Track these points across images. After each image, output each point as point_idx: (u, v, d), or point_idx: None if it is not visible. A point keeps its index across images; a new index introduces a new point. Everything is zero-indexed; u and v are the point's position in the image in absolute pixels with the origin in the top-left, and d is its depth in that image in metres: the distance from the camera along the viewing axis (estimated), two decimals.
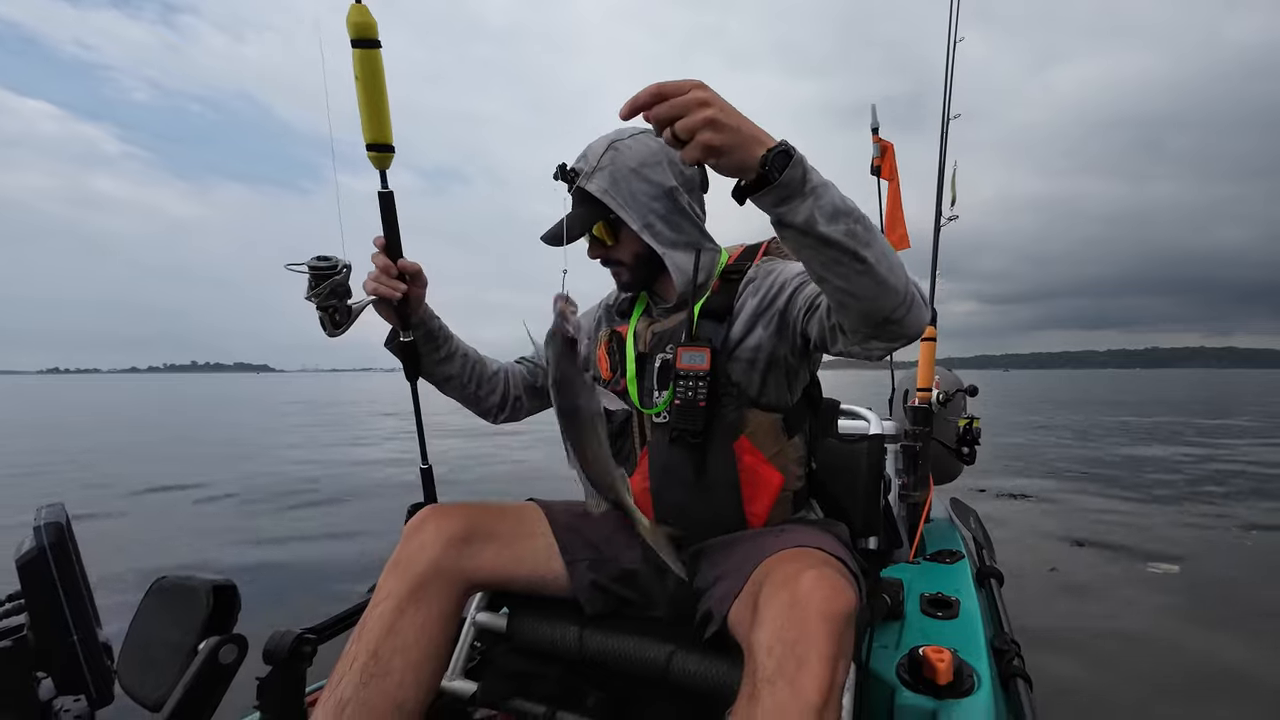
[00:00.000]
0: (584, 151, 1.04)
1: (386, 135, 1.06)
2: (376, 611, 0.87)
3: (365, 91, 1.03)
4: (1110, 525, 4.06)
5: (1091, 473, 6.28)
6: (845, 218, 0.72)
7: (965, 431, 2.19)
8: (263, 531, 4.07)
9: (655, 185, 1.03)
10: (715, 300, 1.04)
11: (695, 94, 0.67)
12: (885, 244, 0.76)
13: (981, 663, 0.98)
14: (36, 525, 0.77)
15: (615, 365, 1.11)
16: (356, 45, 1.02)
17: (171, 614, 0.84)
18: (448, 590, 0.91)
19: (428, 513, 0.97)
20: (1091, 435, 9.99)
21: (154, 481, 5.90)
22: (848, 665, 0.72)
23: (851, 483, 1.18)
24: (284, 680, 0.89)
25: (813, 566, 0.76)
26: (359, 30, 1.01)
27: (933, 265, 2.33)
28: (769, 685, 0.67)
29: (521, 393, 1.26)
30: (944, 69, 2.29)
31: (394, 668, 0.84)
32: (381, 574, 0.93)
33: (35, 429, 12.54)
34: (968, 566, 1.48)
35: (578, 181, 1.01)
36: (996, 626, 1.27)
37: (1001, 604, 1.38)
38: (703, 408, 0.96)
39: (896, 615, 1.13)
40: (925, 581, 1.33)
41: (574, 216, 1.01)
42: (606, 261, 1.10)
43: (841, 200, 0.72)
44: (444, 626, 0.90)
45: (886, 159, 2.51)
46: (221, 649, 0.80)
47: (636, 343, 1.09)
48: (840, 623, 0.70)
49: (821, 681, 0.66)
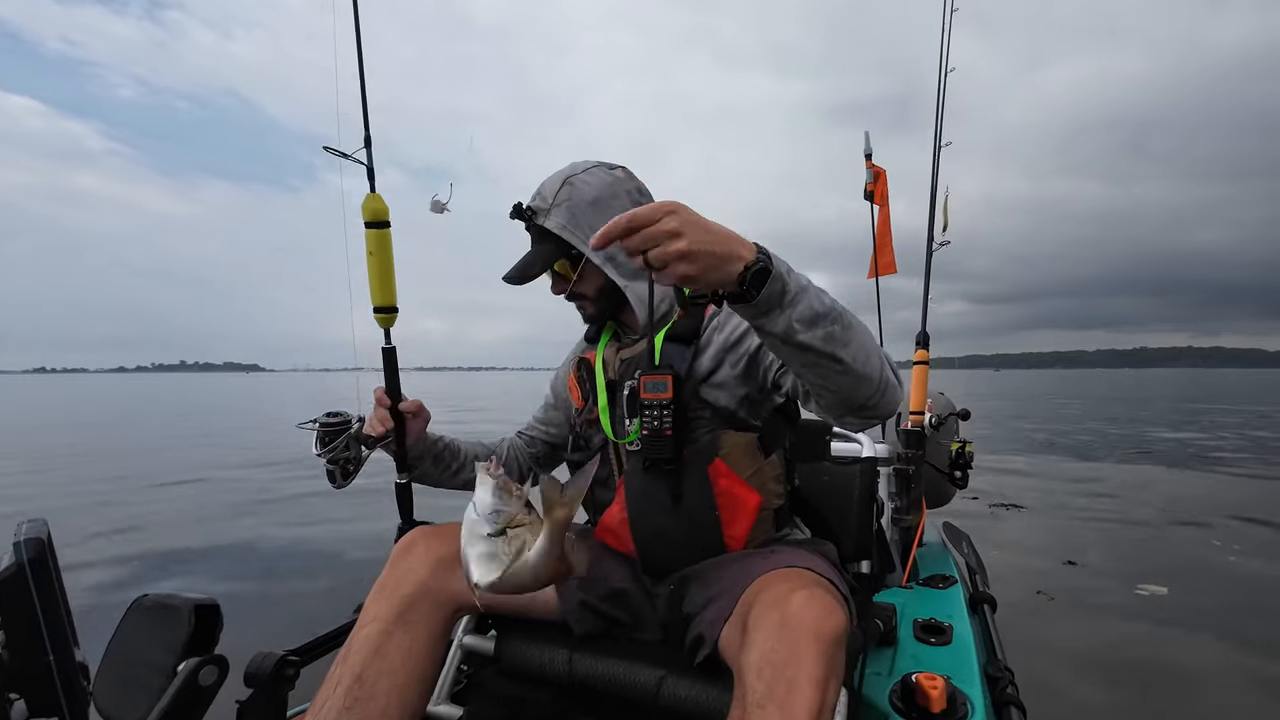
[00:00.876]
0: (539, 189, 1.05)
1: (392, 299, 1.23)
2: (363, 634, 0.86)
3: (377, 264, 1.22)
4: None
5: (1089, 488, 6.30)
6: (824, 321, 0.72)
7: (958, 455, 2.19)
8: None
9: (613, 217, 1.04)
10: (680, 325, 1.04)
11: (666, 223, 0.65)
12: (863, 337, 0.77)
13: (975, 690, 0.97)
14: (17, 540, 0.76)
15: (586, 394, 1.11)
16: (370, 226, 1.21)
17: (151, 633, 0.82)
18: (436, 613, 0.90)
19: (416, 534, 0.96)
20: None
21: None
22: (838, 687, 0.71)
23: (844, 505, 1.17)
24: (266, 703, 0.87)
25: (803, 587, 0.75)
26: (374, 215, 1.20)
27: (924, 291, 2.35)
28: (759, 709, 0.66)
29: (529, 464, 1.30)
30: (931, 77, 2.34)
31: (379, 692, 0.82)
32: (368, 596, 0.91)
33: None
34: (961, 592, 1.47)
35: (535, 219, 1.02)
36: (990, 653, 1.26)
37: (995, 630, 1.37)
38: (670, 436, 0.96)
39: (889, 641, 1.12)
40: (918, 606, 1.32)
41: (534, 254, 1.04)
42: (571, 296, 1.10)
43: (820, 303, 0.73)
44: (431, 649, 0.89)
45: (879, 185, 2.55)
46: (202, 670, 0.78)
47: (605, 370, 1.09)
48: (831, 644, 0.70)
49: (811, 704, 0.65)
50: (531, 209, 1.03)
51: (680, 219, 0.65)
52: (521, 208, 1.03)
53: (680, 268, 0.65)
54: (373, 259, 1.21)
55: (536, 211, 1.02)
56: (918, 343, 2.25)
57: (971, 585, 1.64)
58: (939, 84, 2.34)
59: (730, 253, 0.67)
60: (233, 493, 5.74)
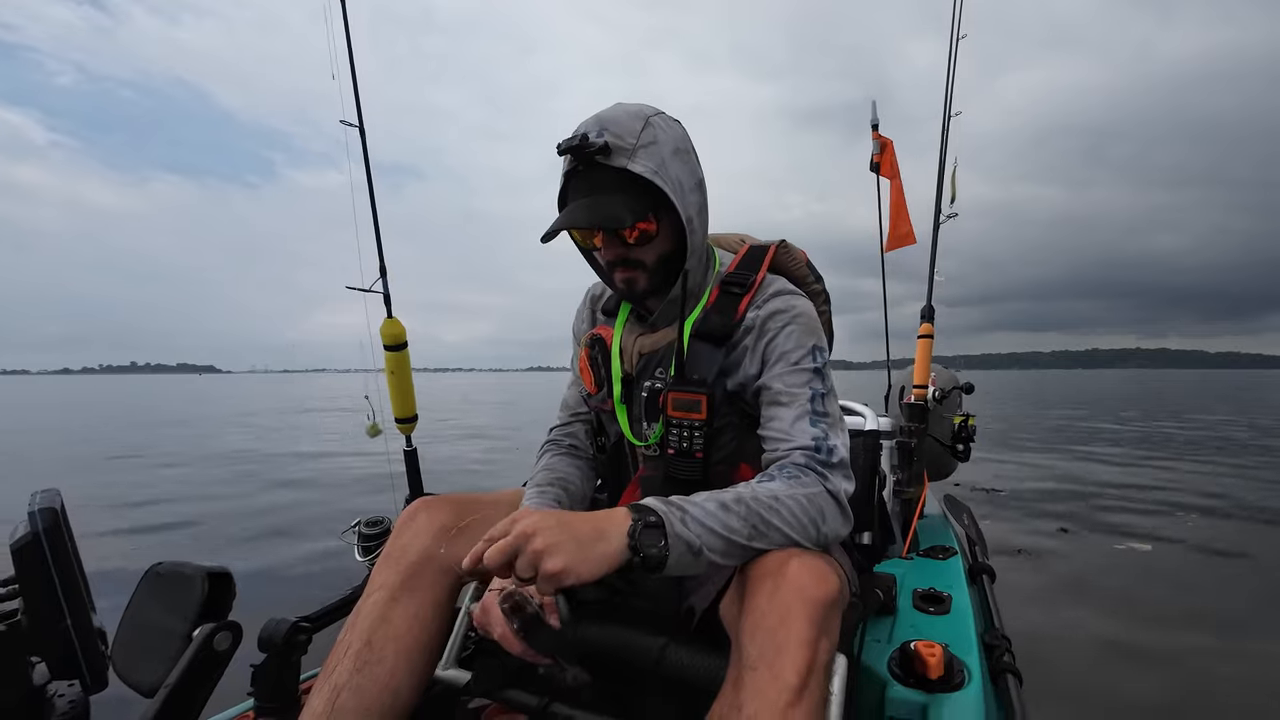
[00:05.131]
0: (597, 123, 0.85)
1: (411, 410, 1.43)
2: (370, 601, 0.88)
3: (396, 382, 1.39)
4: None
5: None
6: (736, 542, 0.75)
7: (960, 429, 2.19)
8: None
9: (692, 174, 0.91)
10: (712, 320, 0.94)
11: (518, 529, 0.67)
12: (787, 515, 0.78)
13: (972, 657, 0.98)
14: (31, 510, 0.77)
15: (600, 381, 1.03)
16: (389, 350, 1.37)
17: (166, 600, 0.84)
18: (440, 580, 0.91)
19: (419, 504, 0.98)
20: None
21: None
22: (830, 649, 0.72)
23: None
24: (279, 667, 0.89)
25: (798, 555, 0.76)
26: (393, 339, 1.36)
27: (931, 262, 2.33)
28: (751, 671, 0.68)
29: (591, 477, 1.11)
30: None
31: (387, 655, 0.84)
32: (374, 566, 0.93)
33: None
34: (960, 562, 1.48)
35: (612, 159, 0.83)
36: (988, 622, 1.28)
37: (993, 600, 1.39)
38: (700, 459, 0.91)
39: (889, 610, 1.13)
40: (918, 577, 1.33)
41: (613, 202, 0.85)
42: (623, 263, 0.92)
43: (726, 526, 0.75)
44: (436, 615, 0.91)
45: (886, 155, 2.50)
46: (216, 635, 0.80)
47: (622, 360, 1.01)
48: (821, 607, 0.70)
49: (800, 664, 0.66)
50: (595, 145, 0.82)
51: (528, 521, 0.68)
52: (586, 140, 0.82)
53: (549, 564, 0.66)
54: (393, 378, 1.36)
55: (614, 150, 0.83)
56: (923, 316, 2.24)
57: (971, 556, 1.66)
58: (950, 49, 2.28)
59: (597, 529, 0.70)
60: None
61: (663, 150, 0.86)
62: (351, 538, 1.11)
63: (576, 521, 0.71)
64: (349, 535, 1.12)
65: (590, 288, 1.16)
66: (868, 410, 1.71)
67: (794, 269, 1.07)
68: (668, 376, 0.95)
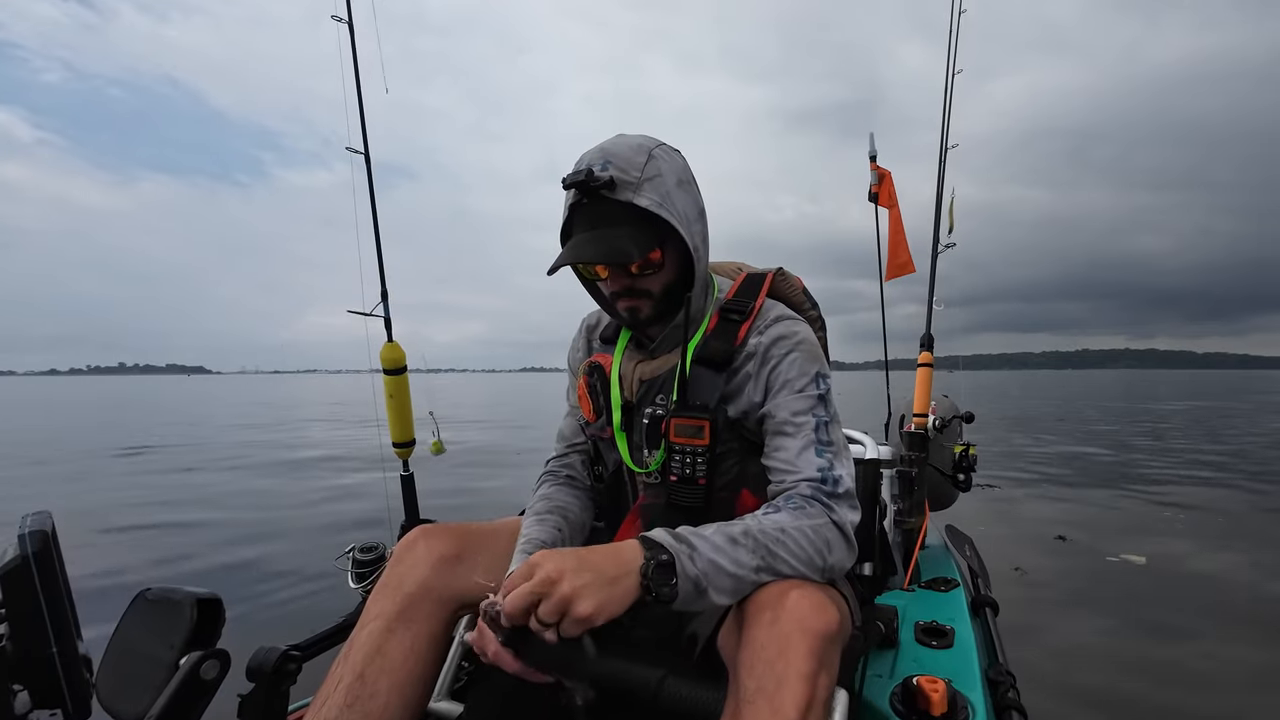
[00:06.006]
0: (601, 155, 0.86)
1: (409, 434, 1.43)
2: (365, 632, 0.86)
3: (395, 405, 1.39)
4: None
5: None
6: (743, 578, 0.76)
7: (961, 458, 2.18)
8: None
9: (695, 203, 0.92)
10: (713, 346, 0.94)
11: (541, 574, 0.67)
12: (794, 548, 0.79)
13: (976, 694, 0.96)
14: (21, 533, 0.76)
15: (599, 409, 1.02)
16: (388, 374, 1.37)
17: (154, 627, 0.82)
18: (438, 611, 0.90)
19: (418, 533, 0.96)
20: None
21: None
22: (830, 683, 0.71)
23: None
24: (267, 698, 0.87)
25: (797, 586, 0.76)
26: (392, 362, 1.36)
27: (929, 293, 2.34)
28: (749, 705, 0.66)
29: (590, 508, 1.09)
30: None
31: (380, 690, 0.82)
32: (370, 594, 0.92)
33: None
34: (963, 595, 1.46)
35: (617, 193, 0.84)
36: (991, 657, 1.25)
37: (996, 634, 1.36)
38: (703, 486, 0.90)
39: (891, 643, 1.11)
40: (920, 609, 1.31)
41: (619, 236, 0.86)
42: (628, 293, 0.93)
43: (734, 560, 0.75)
44: (432, 647, 0.89)
45: (884, 186, 2.54)
46: (204, 664, 0.78)
47: (622, 387, 1.00)
48: (820, 639, 0.69)
49: (799, 698, 0.65)
50: (600, 179, 0.83)
51: (548, 566, 0.68)
52: (591, 174, 0.83)
53: (578, 608, 0.66)
54: (392, 400, 1.36)
55: (619, 184, 0.84)
56: (922, 345, 2.25)
57: (974, 589, 1.63)
58: (946, 85, 2.33)
59: (618, 567, 0.70)
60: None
61: (667, 182, 0.88)
62: (345, 564, 1.09)
63: (595, 558, 0.70)
64: (343, 561, 1.11)
65: (586, 318, 1.16)
66: (868, 439, 1.71)
67: (791, 295, 1.08)
68: (669, 403, 0.95)
